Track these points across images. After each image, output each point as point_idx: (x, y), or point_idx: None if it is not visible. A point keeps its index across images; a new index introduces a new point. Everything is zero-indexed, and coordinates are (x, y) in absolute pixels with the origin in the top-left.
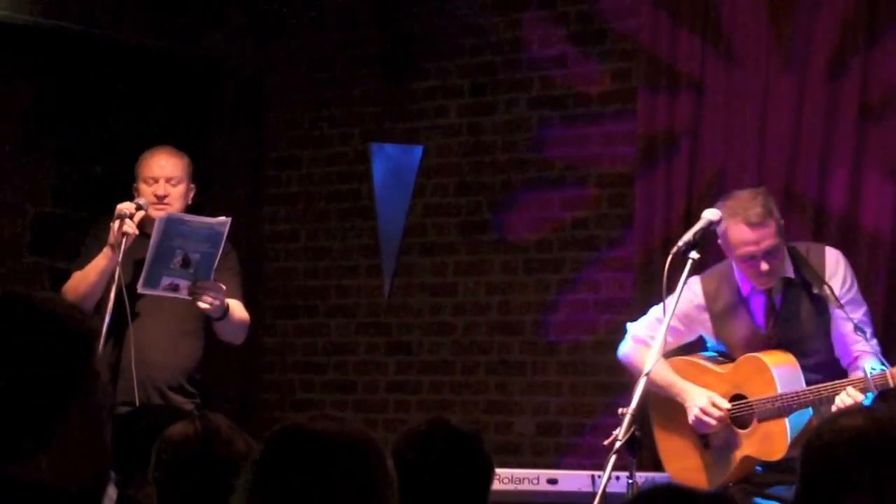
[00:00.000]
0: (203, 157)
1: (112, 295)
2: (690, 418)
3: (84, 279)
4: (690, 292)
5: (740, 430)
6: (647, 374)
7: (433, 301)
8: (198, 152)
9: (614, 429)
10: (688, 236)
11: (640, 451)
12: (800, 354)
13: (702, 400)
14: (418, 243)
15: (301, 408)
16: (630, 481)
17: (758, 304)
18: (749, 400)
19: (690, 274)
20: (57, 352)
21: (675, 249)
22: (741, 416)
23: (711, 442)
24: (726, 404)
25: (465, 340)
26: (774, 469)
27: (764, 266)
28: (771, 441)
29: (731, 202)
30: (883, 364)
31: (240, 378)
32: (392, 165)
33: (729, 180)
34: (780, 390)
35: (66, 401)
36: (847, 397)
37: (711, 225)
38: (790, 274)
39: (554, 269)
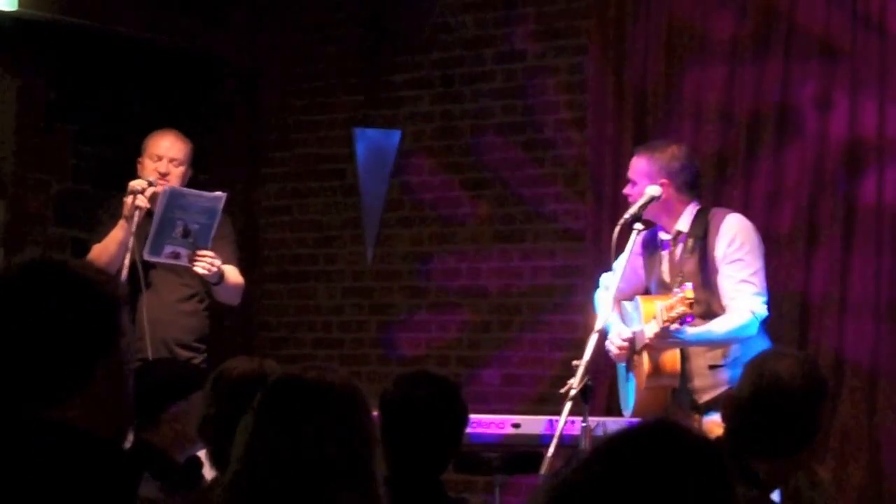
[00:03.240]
0: (205, 141)
1: (126, 263)
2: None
3: (105, 250)
4: (634, 243)
5: (634, 362)
6: (598, 331)
7: (410, 267)
8: (200, 137)
9: (569, 379)
10: (633, 210)
11: (592, 399)
12: None
13: (612, 334)
14: (397, 217)
15: (294, 362)
16: (584, 425)
17: (665, 255)
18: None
19: (636, 243)
20: (88, 312)
21: (621, 221)
22: (633, 348)
23: (629, 377)
24: (626, 336)
25: (439, 302)
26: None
27: (625, 189)
28: (639, 370)
29: None
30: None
31: (240, 336)
32: (373, 148)
33: None
34: (639, 327)
35: (94, 355)
36: (645, 330)
37: (652, 200)
38: (684, 229)
39: (516, 239)
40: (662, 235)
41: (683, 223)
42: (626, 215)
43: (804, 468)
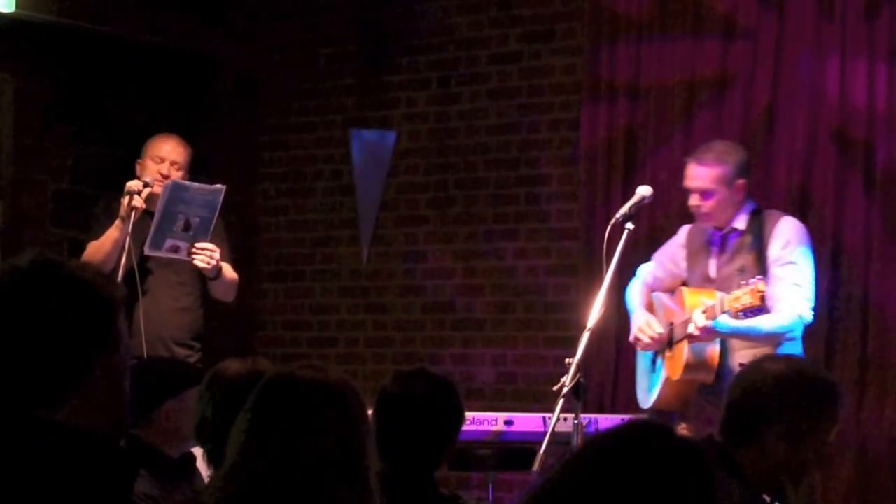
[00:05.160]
0: (203, 141)
1: (122, 262)
2: (631, 338)
3: (100, 249)
4: (678, 235)
5: (666, 354)
6: (590, 329)
7: (405, 266)
8: (199, 137)
9: (562, 377)
10: (624, 209)
11: (585, 396)
12: None
13: (640, 322)
14: (392, 216)
15: (290, 361)
16: (575, 422)
17: (714, 251)
18: (670, 325)
19: (626, 243)
20: (86, 313)
21: (613, 221)
22: (671, 339)
23: (657, 367)
24: (658, 328)
25: (434, 301)
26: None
27: (693, 200)
28: (674, 361)
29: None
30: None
31: (236, 335)
32: (369, 148)
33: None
34: (681, 318)
35: (92, 355)
36: (695, 319)
37: (644, 199)
38: (740, 227)
39: (510, 238)
40: (712, 231)
41: (741, 221)
42: (618, 215)
43: (792, 468)
